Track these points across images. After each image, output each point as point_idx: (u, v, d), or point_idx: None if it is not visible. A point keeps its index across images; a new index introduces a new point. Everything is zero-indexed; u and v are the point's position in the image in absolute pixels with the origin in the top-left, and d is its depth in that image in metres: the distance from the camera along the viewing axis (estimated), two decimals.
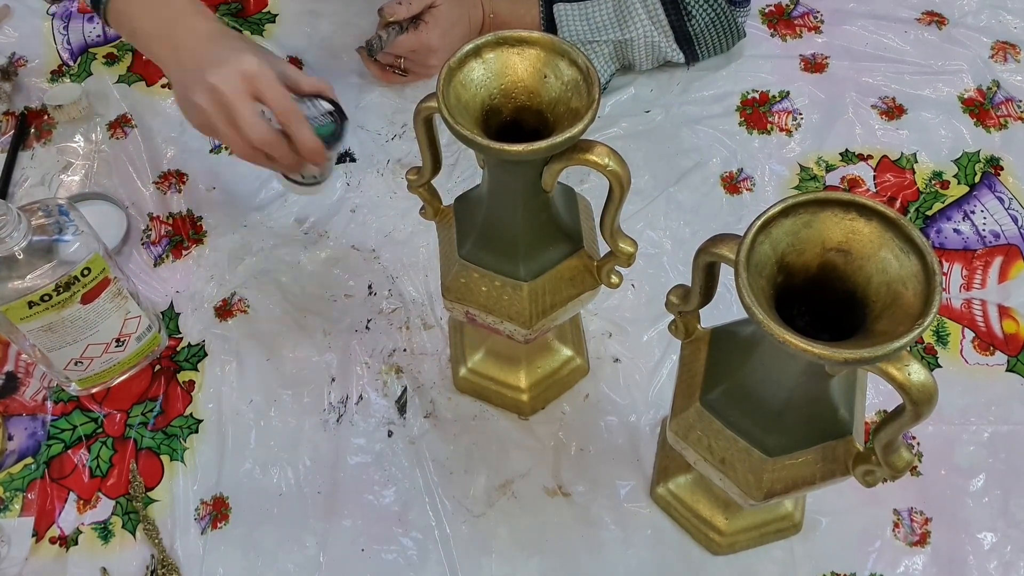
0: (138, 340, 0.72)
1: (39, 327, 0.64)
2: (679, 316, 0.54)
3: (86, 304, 0.65)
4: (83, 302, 0.64)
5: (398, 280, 0.79)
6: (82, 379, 0.71)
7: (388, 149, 0.88)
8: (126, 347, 0.71)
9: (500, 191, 0.53)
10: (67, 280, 0.63)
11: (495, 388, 0.72)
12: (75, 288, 0.63)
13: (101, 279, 0.65)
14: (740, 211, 0.83)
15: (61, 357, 0.67)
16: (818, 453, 0.50)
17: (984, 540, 0.66)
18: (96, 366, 0.70)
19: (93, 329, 0.67)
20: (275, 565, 0.66)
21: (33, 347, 0.66)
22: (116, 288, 0.67)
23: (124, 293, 0.68)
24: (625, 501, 0.68)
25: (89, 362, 0.69)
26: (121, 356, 0.71)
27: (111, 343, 0.69)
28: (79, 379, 0.71)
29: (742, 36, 0.90)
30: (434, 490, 0.69)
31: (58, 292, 0.62)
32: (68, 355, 0.67)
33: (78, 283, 0.63)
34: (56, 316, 0.64)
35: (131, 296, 0.70)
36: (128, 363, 0.73)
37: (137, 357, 0.73)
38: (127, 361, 0.72)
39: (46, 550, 0.67)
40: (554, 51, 0.49)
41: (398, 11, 0.83)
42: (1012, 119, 0.88)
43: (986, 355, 0.74)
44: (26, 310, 0.62)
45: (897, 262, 0.41)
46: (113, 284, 0.67)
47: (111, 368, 0.72)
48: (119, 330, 0.69)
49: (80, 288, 0.64)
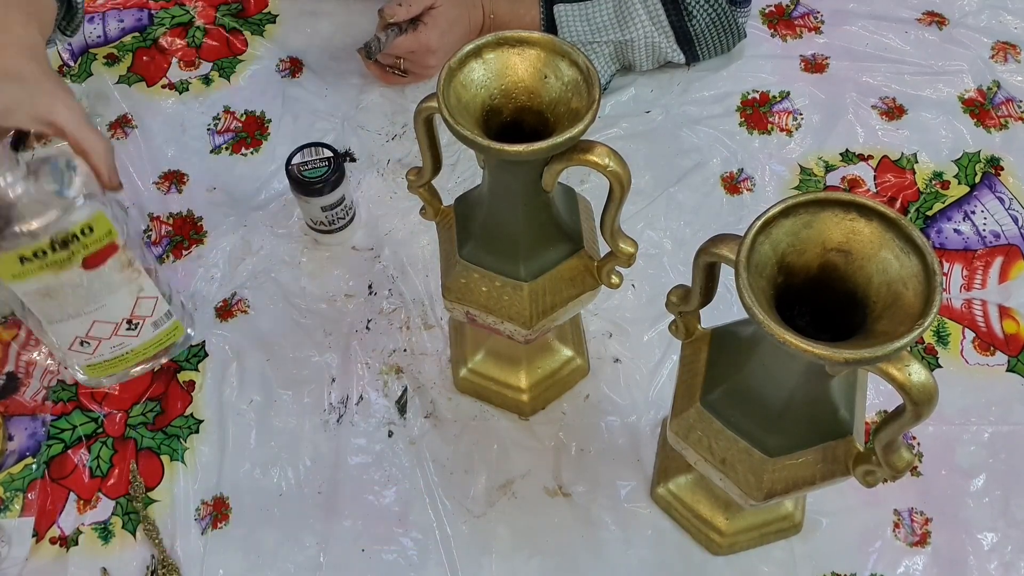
0: (154, 326, 0.65)
1: (35, 290, 0.57)
2: (679, 316, 0.54)
3: (88, 269, 0.58)
4: (85, 267, 0.58)
5: (398, 280, 0.79)
6: (90, 365, 0.65)
7: (388, 149, 0.88)
8: (139, 332, 0.65)
9: (500, 191, 0.53)
10: (64, 237, 0.56)
11: (495, 388, 0.72)
12: (74, 248, 0.57)
13: (106, 243, 0.58)
14: (740, 211, 0.83)
15: (64, 333, 0.61)
16: (818, 453, 0.50)
17: (984, 540, 0.66)
18: (105, 351, 0.64)
19: (98, 303, 0.61)
20: (275, 565, 0.66)
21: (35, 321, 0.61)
22: (125, 258, 0.60)
23: (137, 267, 0.62)
24: (625, 501, 0.68)
25: (96, 344, 0.63)
26: (134, 343, 0.65)
27: (121, 324, 0.63)
28: (86, 365, 0.65)
29: (743, 36, 0.90)
30: (434, 490, 0.69)
31: (54, 249, 0.56)
32: (72, 331, 0.61)
33: (78, 242, 0.57)
34: (54, 279, 0.57)
35: (146, 273, 0.63)
36: (143, 353, 0.67)
37: (154, 347, 0.67)
38: (141, 350, 0.66)
39: (46, 550, 0.67)
40: (554, 51, 0.49)
41: (398, 12, 0.83)
42: (1012, 119, 0.88)
43: (986, 355, 0.74)
44: (17, 266, 0.55)
45: (897, 262, 0.41)
46: (122, 252, 0.60)
47: (123, 357, 0.66)
48: (130, 309, 0.63)
49: (81, 249, 0.57)
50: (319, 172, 0.74)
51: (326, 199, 0.75)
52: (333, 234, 0.80)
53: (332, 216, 0.78)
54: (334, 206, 0.77)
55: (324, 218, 0.78)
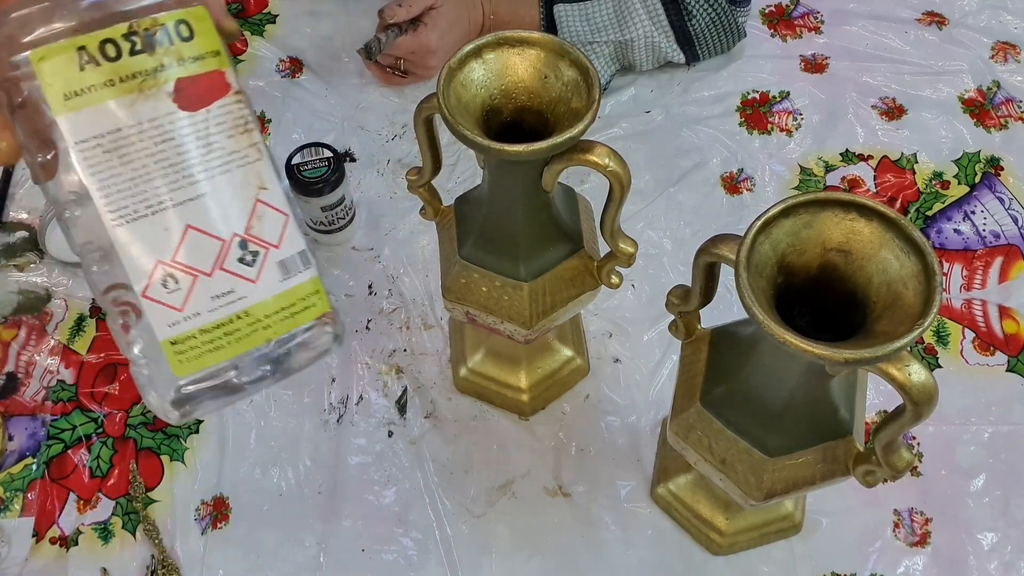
0: (282, 271, 0.38)
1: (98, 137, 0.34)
2: (679, 316, 0.54)
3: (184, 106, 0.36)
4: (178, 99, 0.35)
5: (398, 280, 0.79)
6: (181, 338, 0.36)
7: (388, 149, 0.88)
8: (260, 272, 0.37)
9: (500, 191, 0.53)
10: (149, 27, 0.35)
11: (495, 388, 0.72)
12: (163, 54, 0.35)
13: (213, 68, 0.36)
14: (740, 211, 0.83)
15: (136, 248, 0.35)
16: (818, 453, 0.50)
17: (984, 540, 0.66)
18: (203, 302, 0.36)
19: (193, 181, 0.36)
20: (275, 565, 0.66)
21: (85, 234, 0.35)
22: (241, 114, 0.37)
23: (257, 142, 0.38)
24: (625, 501, 0.68)
25: (191, 282, 0.36)
26: (251, 295, 0.37)
27: (232, 244, 0.36)
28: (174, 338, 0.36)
29: (742, 36, 0.90)
30: (434, 490, 0.69)
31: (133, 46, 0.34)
32: (149, 243, 0.35)
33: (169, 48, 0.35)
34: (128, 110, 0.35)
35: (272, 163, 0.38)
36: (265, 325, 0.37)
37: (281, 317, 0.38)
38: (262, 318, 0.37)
39: (46, 550, 0.67)
40: (554, 51, 0.49)
41: (398, 13, 0.83)
42: (1012, 119, 0.88)
43: (986, 355, 0.74)
44: (74, 70, 0.34)
45: (897, 262, 0.41)
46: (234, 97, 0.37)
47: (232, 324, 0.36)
48: (246, 218, 0.37)
49: (173, 61, 0.35)
50: (319, 172, 0.74)
51: (326, 199, 0.75)
52: (333, 234, 0.80)
53: (332, 216, 0.78)
54: (334, 206, 0.77)
55: (324, 218, 0.78)
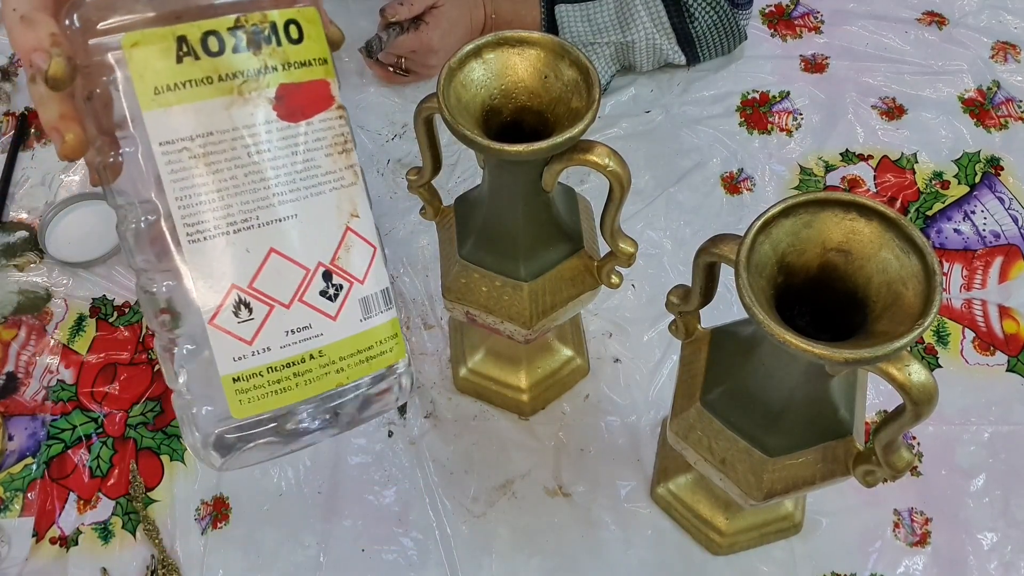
0: (363, 309, 0.36)
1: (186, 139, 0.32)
2: (679, 316, 0.54)
3: (284, 116, 0.33)
4: (279, 106, 0.33)
5: (398, 280, 0.79)
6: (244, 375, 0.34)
7: (388, 149, 0.88)
8: (340, 310, 0.35)
9: (500, 191, 0.53)
10: (259, 23, 0.32)
11: (495, 388, 0.72)
12: (268, 56, 0.33)
13: (319, 76, 0.34)
14: (740, 211, 0.83)
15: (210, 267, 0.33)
16: (818, 453, 0.50)
17: (984, 540, 0.65)
18: (275, 337, 0.34)
19: (283, 200, 0.33)
20: (275, 565, 0.66)
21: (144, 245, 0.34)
22: (341, 131, 0.36)
23: (355, 164, 0.37)
24: (625, 501, 0.68)
25: (266, 312, 0.34)
26: (324, 337, 0.35)
27: (316, 274, 0.34)
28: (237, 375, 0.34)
29: (744, 39, 0.90)
30: (434, 490, 0.69)
31: (237, 42, 0.32)
32: (226, 264, 0.33)
33: (276, 49, 0.33)
34: (224, 113, 0.32)
35: (366, 189, 0.37)
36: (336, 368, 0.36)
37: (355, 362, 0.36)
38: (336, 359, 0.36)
39: (46, 550, 0.67)
40: (555, 52, 0.49)
41: (399, 11, 0.83)
42: (1012, 119, 0.88)
43: (986, 355, 0.74)
44: (171, 63, 0.32)
45: (897, 262, 0.41)
46: (337, 112, 0.35)
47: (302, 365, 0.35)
48: (334, 248, 0.35)
49: (278, 64, 0.33)
50: None
51: None
52: None
53: None
54: None
55: None
